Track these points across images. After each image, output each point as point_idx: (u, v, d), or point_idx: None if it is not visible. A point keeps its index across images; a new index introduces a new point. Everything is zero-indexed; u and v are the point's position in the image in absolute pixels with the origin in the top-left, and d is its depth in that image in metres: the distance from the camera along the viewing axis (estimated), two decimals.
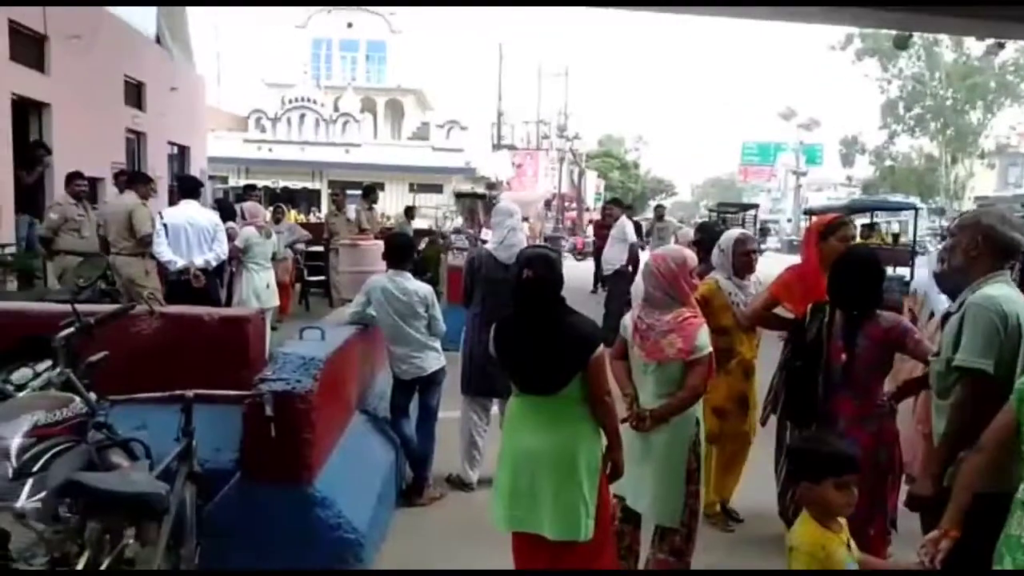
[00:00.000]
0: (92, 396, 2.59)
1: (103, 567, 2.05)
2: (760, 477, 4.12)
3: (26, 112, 9.87)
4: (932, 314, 4.11)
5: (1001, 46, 19.00)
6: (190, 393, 2.62)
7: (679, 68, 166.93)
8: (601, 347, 2.74)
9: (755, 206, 29.34)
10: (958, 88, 39.90)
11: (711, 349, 3.13)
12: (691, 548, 3.19)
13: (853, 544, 2.27)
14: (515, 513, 2.79)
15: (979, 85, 39.22)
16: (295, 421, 3.03)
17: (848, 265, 3.18)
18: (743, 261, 4.07)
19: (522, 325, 2.80)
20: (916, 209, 18.29)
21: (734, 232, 4.29)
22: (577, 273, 14.96)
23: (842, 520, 2.25)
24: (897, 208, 22.54)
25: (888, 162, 45.73)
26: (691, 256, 3.27)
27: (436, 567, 3.63)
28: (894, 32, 18.45)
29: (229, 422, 3.08)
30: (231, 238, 7.02)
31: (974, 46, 33.98)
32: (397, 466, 4.36)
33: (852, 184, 50.61)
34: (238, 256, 6.99)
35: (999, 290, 2.47)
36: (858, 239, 4.89)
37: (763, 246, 19.64)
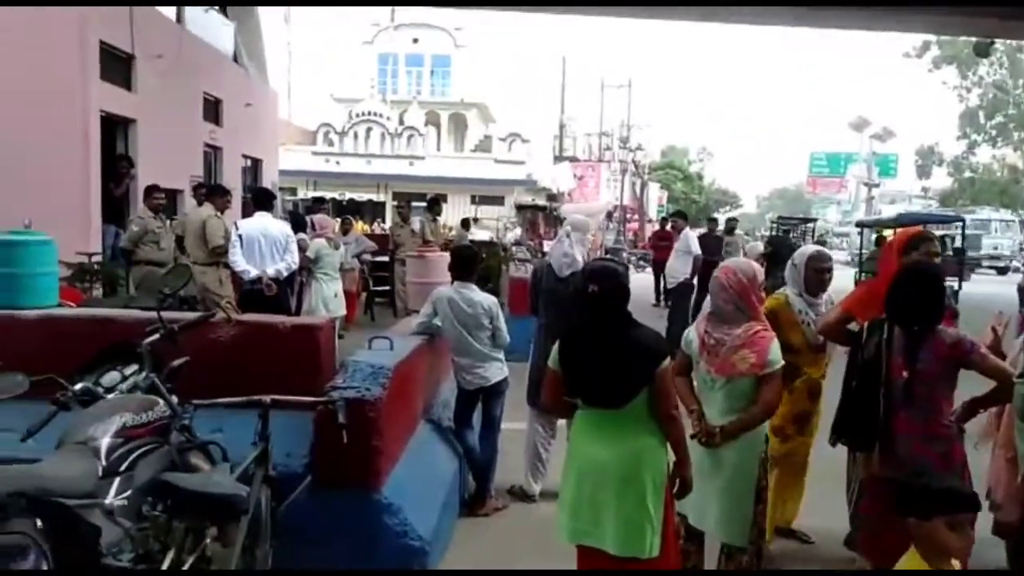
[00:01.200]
0: (174, 400, 2.70)
1: (186, 566, 2.13)
2: (828, 500, 3.99)
3: (113, 128, 10.39)
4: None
5: None
6: (267, 399, 2.71)
7: (746, 77, 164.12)
8: (668, 360, 2.72)
9: (814, 220, 28.95)
10: None
11: (783, 363, 3.07)
12: (759, 566, 3.11)
13: None
14: (579, 526, 2.77)
15: None
16: (364, 428, 3.09)
17: (909, 279, 3.06)
18: (816, 278, 3.94)
19: (587, 338, 2.79)
20: (963, 221, 18.88)
21: (809, 248, 4.18)
22: (638, 284, 14.78)
23: (956, 563, 2.14)
24: (944, 221, 22.15)
25: (968, 173, 43.86)
26: (760, 270, 3.24)
27: None
28: (974, 39, 17.73)
29: (300, 428, 3.16)
30: (302, 249, 7.22)
31: None
32: (460, 476, 4.40)
33: (928, 196, 48.77)
34: (308, 266, 7.18)
35: None
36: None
37: None
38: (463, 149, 33.99)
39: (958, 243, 18.43)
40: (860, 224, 21.76)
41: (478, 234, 15.29)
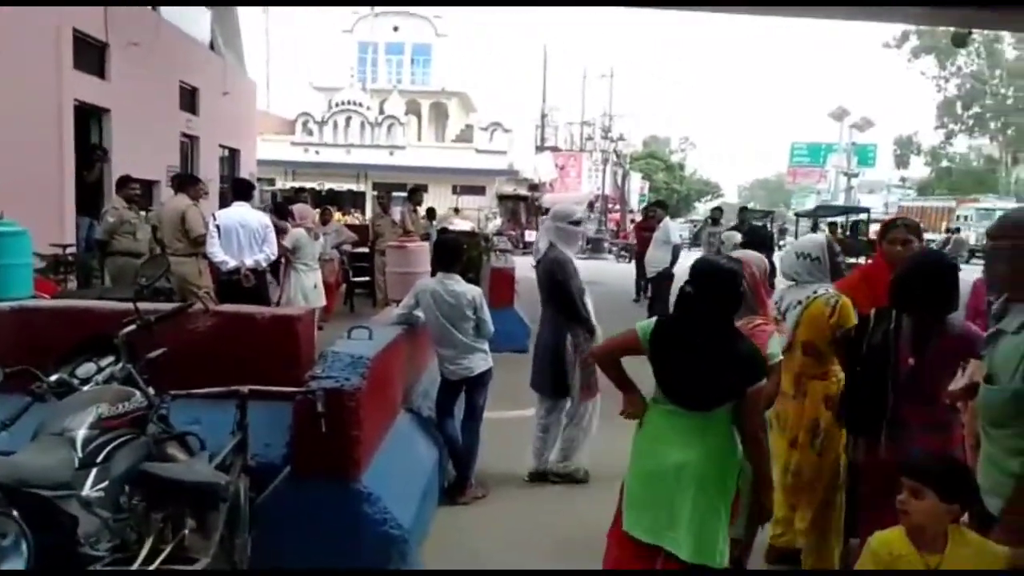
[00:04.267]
0: (151, 391, 2.69)
1: (164, 555, 2.13)
2: None
3: (87, 117, 10.25)
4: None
5: None
6: (245, 389, 2.71)
7: (727, 68, 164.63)
8: (763, 380, 2.61)
9: (771, 212, 30.44)
10: (1019, 86, 38.60)
11: (782, 357, 3.08)
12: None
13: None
14: (657, 527, 2.65)
15: None
16: (343, 418, 3.09)
17: (919, 269, 3.02)
18: (836, 265, 3.66)
19: (681, 335, 2.67)
20: (868, 211, 21.13)
21: (820, 237, 3.85)
22: (621, 276, 14.74)
23: (959, 550, 2.16)
24: (854, 211, 25.06)
25: (944, 163, 44.46)
26: (767, 263, 3.23)
27: (476, 565, 3.67)
28: (952, 29, 17.93)
29: (279, 418, 3.16)
30: (281, 232, 7.16)
31: None
32: (441, 464, 4.42)
33: (906, 185, 49.30)
34: (287, 256, 7.15)
35: None
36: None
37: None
38: (444, 139, 33.90)
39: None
40: (797, 215, 24.00)
41: (459, 224, 15.23)
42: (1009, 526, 2.22)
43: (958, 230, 28.00)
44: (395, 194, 14.69)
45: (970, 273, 3.41)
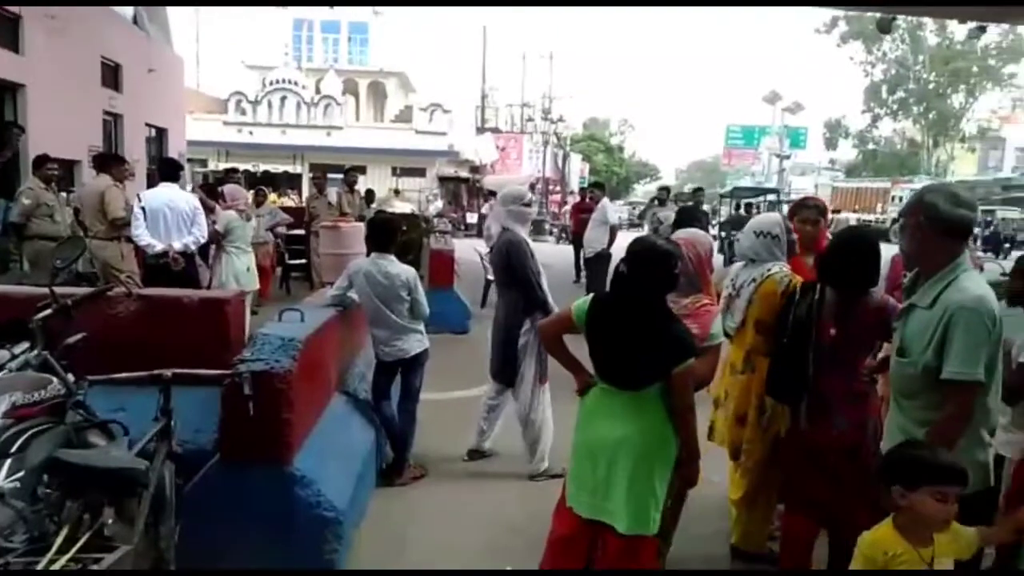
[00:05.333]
0: (70, 377, 2.60)
1: (80, 543, 2.07)
2: None
3: (1, 93, 9.72)
4: None
5: (983, 30, 19.18)
6: (168, 373, 2.64)
7: (664, 51, 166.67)
8: (692, 361, 2.64)
9: (700, 190, 31.90)
10: (940, 72, 40.23)
11: (723, 339, 3.13)
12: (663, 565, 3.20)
13: (947, 560, 2.14)
14: (595, 501, 2.71)
15: (961, 69, 39.57)
16: (274, 401, 3.04)
17: (844, 244, 3.14)
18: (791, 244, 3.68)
19: (614, 314, 2.70)
20: (778, 192, 21.84)
21: (776, 215, 3.90)
22: (561, 257, 14.87)
23: (940, 538, 2.12)
24: (764, 192, 26.24)
25: (871, 145, 46.09)
26: (711, 242, 3.27)
27: (413, 546, 3.70)
28: (878, 15, 18.54)
29: (209, 404, 3.10)
30: (209, 212, 6.96)
31: (957, 30, 34.30)
32: (378, 446, 4.40)
33: (835, 167, 50.95)
34: (218, 239, 6.96)
35: (980, 286, 2.33)
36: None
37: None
38: (383, 119, 33.43)
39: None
40: (721, 196, 25.86)
41: (399, 206, 15.07)
42: None
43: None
44: (331, 175, 14.43)
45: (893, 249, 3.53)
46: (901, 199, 32.93)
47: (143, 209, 6.20)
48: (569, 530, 2.80)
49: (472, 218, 30.00)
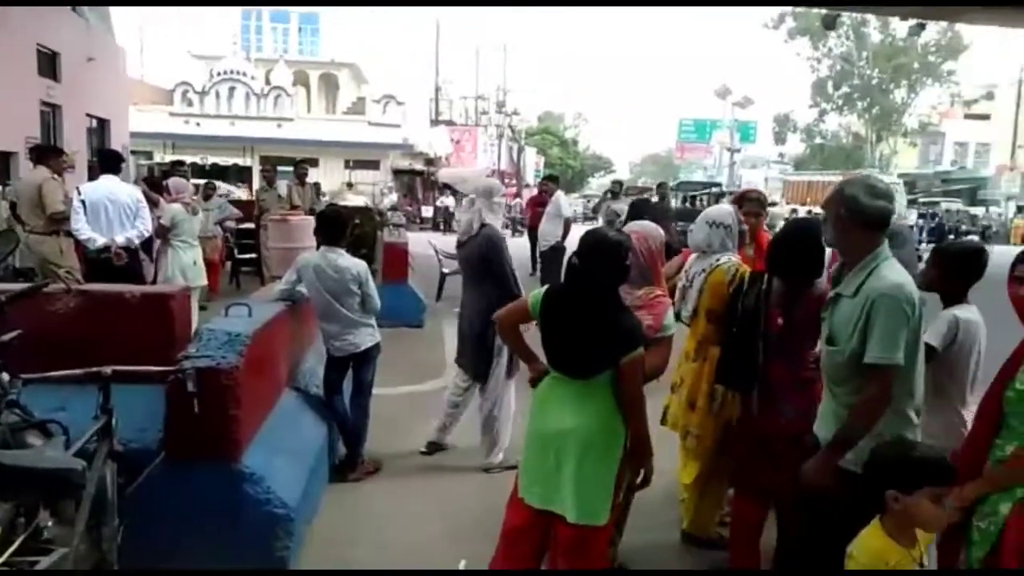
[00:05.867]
0: (4, 376, 2.51)
1: (15, 546, 2.00)
2: None
3: None
4: None
5: (922, 27, 19.77)
6: (107, 370, 2.56)
7: (618, 45, 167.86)
8: (640, 350, 2.65)
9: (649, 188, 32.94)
10: (883, 68, 41.32)
11: (674, 331, 3.19)
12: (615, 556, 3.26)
13: (927, 559, 2.13)
14: (546, 492, 2.71)
15: (903, 66, 40.71)
16: (221, 398, 2.99)
17: (789, 234, 3.21)
18: (742, 235, 3.77)
19: (566, 305, 2.72)
20: (720, 185, 22.97)
21: (728, 206, 3.92)
22: (517, 249, 14.81)
23: (923, 535, 2.09)
24: (706, 185, 27.76)
25: (818, 140, 47.15)
26: (663, 235, 3.31)
27: (367, 540, 3.67)
28: (823, 12, 18.95)
29: (155, 402, 3.02)
30: (153, 205, 6.77)
31: (899, 27, 35.19)
32: (330, 442, 4.35)
33: (784, 161, 51.98)
34: (163, 233, 6.78)
35: (899, 274, 2.41)
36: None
37: None
38: (335, 111, 32.96)
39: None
40: (673, 189, 27.44)
41: (352, 199, 14.90)
42: (827, 460, 2.46)
43: None
44: (282, 168, 14.18)
45: None
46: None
47: (83, 202, 6.00)
48: (522, 521, 2.81)
49: (428, 211, 29.83)
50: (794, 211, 28.09)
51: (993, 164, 43.29)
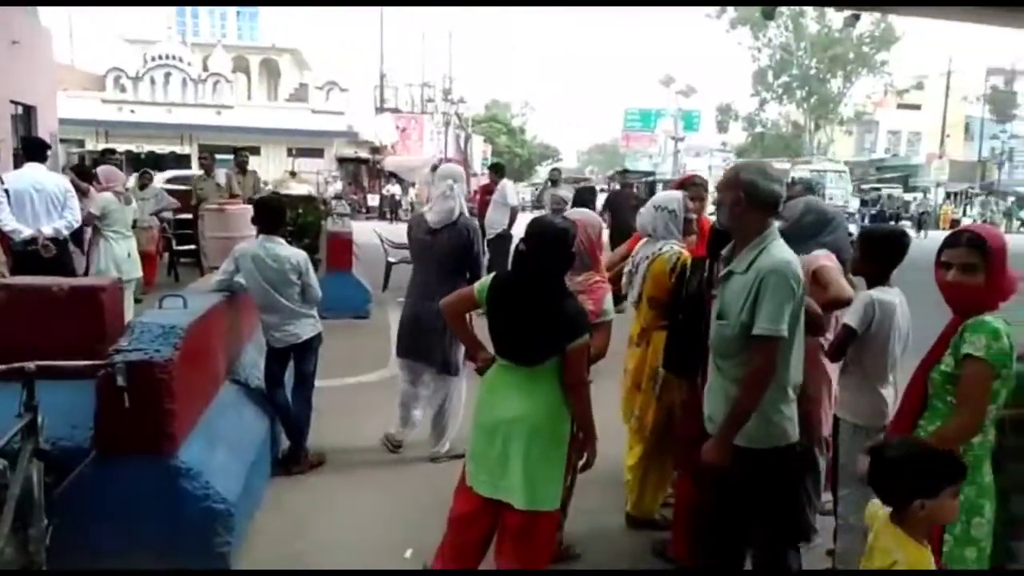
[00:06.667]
0: None
1: None
2: None
3: None
4: None
5: (857, 18, 20.32)
6: (31, 365, 2.47)
7: (565, 34, 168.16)
8: (586, 337, 2.68)
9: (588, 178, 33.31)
10: (820, 58, 42.38)
11: (614, 315, 3.21)
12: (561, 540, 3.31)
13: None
14: (493, 479, 2.72)
15: (839, 56, 41.83)
16: (154, 392, 2.91)
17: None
18: (688, 222, 3.79)
19: (512, 293, 2.72)
20: (653, 174, 22.32)
21: (677, 193, 3.92)
22: None
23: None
24: (644, 174, 28.53)
25: (759, 128, 48.15)
26: (601, 222, 3.36)
27: (311, 533, 3.63)
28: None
29: (87, 399, 2.93)
30: (81, 194, 6.52)
31: (835, 17, 36.14)
32: (272, 435, 4.28)
33: (727, 150, 52.92)
34: (94, 224, 6.53)
35: (788, 252, 2.52)
36: None
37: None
38: (276, 98, 32.23)
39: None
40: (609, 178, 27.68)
41: (296, 188, 14.62)
42: (725, 438, 2.57)
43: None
44: (222, 156, 13.81)
45: None
46: (799, 179, 34.39)
47: (6, 192, 5.73)
48: (469, 509, 2.82)
49: (374, 200, 29.47)
50: None
51: (924, 152, 44.94)
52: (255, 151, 15.91)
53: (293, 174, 21.70)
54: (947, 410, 2.31)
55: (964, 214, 34.47)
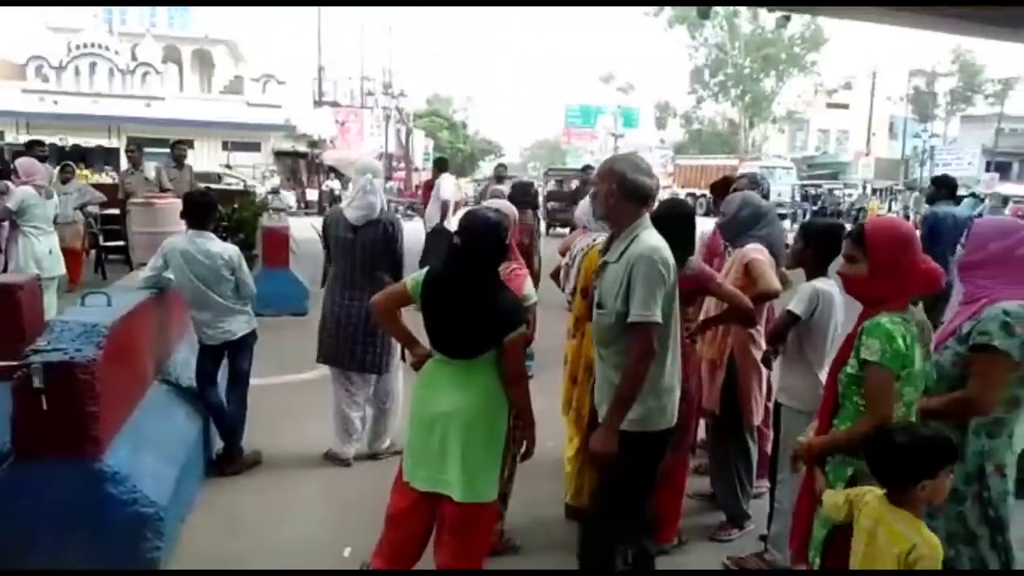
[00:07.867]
0: None
1: None
2: None
3: None
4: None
5: (788, 19, 20.92)
6: None
7: (507, 29, 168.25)
8: (522, 328, 2.69)
9: (504, 165, 33.84)
10: (754, 58, 43.54)
11: (536, 300, 3.24)
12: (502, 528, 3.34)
13: None
14: (431, 474, 2.70)
15: (771, 56, 43.05)
16: (76, 393, 2.80)
17: (661, 215, 3.24)
18: None
19: (448, 287, 2.70)
20: (589, 168, 23.54)
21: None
22: (408, 233, 14.65)
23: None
24: (578, 171, 30.17)
25: (696, 126, 49.19)
26: (516, 212, 3.40)
27: (246, 536, 3.55)
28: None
29: (4, 401, 2.79)
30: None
31: (767, 18, 37.16)
32: (206, 436, 4.17)
33: (665, 146, 53.89)
34: (11, 218, 6.23)
35: (657, 240, 2.60)
36: None
37: None
38: (210, 90, 31.35)
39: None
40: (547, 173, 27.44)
41: (231, 183, 14.25)
42: (611, 426, 2.61)
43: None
44: (153, 150, 13.35)
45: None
46: (746, 174, 34.63)
47: None
48: (407, 504, 2.80)
49: (312, 195, 28.94)
50: (691, 195, 29.18)
51: (852, 150, 46.66)
52: (189, 144, 15.35)
53: (228, 168, 21.17)
54: (854, 410, 2.32)
55: (889, 209, 35.91)
